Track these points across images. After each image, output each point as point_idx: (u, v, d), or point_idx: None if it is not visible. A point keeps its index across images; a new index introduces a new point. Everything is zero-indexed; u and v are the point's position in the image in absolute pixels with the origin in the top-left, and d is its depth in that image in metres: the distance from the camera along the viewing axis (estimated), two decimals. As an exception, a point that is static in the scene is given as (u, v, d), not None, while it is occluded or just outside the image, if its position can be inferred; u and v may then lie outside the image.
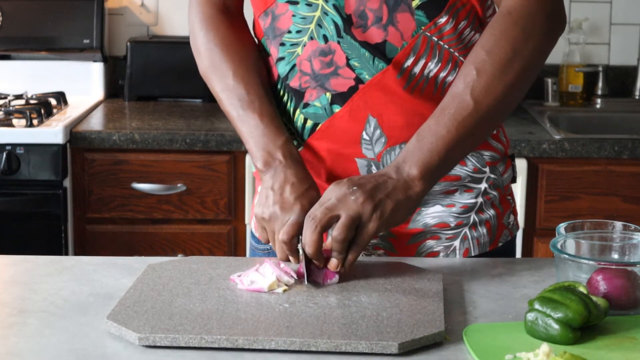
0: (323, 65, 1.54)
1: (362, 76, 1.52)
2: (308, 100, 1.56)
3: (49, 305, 1.33)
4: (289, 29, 1.55)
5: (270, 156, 1.50)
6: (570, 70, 3.45)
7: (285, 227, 1.41)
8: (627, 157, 2.89)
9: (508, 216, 1.64)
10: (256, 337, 1.19)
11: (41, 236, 2.89)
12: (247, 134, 1.54)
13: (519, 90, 1.45)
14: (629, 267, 1.33)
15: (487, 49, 1.43)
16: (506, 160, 1.64)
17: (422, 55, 1.51)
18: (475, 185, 1.58)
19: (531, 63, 1.44)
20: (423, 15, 1.50)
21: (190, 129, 2.94)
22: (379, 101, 1.52)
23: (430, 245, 1.58)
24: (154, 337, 1.20)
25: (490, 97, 1.42)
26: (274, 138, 1.52)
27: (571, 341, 1.19)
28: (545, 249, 2.92)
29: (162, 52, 3.37)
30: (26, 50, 3.42)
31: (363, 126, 1.54)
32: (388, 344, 1.18)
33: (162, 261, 1.48)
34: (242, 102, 1.55)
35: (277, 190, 1.46)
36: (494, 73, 1.42)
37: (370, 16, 1.51)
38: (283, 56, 1.57)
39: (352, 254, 1.38)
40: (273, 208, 1.44)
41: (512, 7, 1.45)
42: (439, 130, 1.41)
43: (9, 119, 2.94)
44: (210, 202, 2.94)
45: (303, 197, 1.44)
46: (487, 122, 1.44)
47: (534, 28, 1.45)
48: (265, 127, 1.52)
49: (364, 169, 1.55)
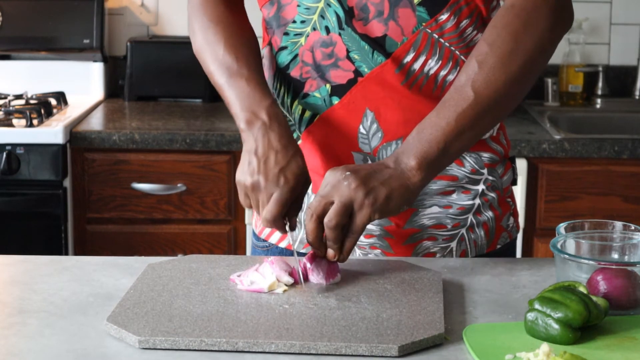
0: (324, 57, 1.54)
1: (361, 69, 1.52)
2: (308, 90, 1.56)
3: (49, 306, 1.33)
4: (294, 18, 1.55)
5: (254, 115, 1.47)
6: (570, 70, 3.45)
7: (269, 206, 1.40)
8: (627, 157, 2.89)
9: (507, 218, 1.64)
10: (256, 339, 1.19)
11: (41, 236, 2.89)
12: (233, 98, 1.50)
13: (522, 83, 1.44)
14: (629, 267, 1.32)
15: (489, 42, 1.43)
16: (506, 162, 1.63)
17: (422, 52, 1.51)
18: (473, 186, 1.58)
19: (534, 57, 1.43)
20: (424, 11, 1.50)
21: (190, 129, 2.94)
22: (377, 95, 1.52)
23: (427, 246, 1.58)
24: (154, 339, 1.19)
25: (490, 89, 1.41)
26: (260, 99, 1.49)
27: (571, 341, 1.19)
28: (545, 249, 2.92)
29: (162, 52, 3.37)
30: (26, 50, 3.42)
31: (360, 120, 1.53)
32: (388, 346, 1.18)
33: (162, 261, 1.48)
34: (230, 71, 1.52)
35: (260, 157, 1.43)
36: (495, 65, 1.42)
37: (372, 10, 1.51)
38: (286, 45, 1.57)
39: (349, 241, 1.37)
40: (257, 177, 1.42)
41: (515, 1, 1.45)
42: (438, 122, 1.40)
43: (9, 119, 2.94)
44: (210, 202, 2.94)
45: (287, 168, 1.42)
46: (488, 115, 1.43)
47: (537, 21, 1.44)
48: (251, 89, 1.49)
49: (360, 163, 1.55)
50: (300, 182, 1.43)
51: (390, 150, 1.53)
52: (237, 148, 2.89)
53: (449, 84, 1.52)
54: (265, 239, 1.65)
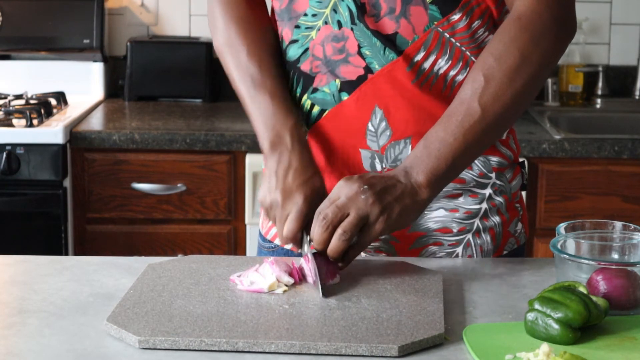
0: (335, 51, 1.53)
1: (372, 66, 1.52)
2: (317, 85, 1.55)
3: (49, 305, 1.33)
4: (305, 11, 1.55)
5: (278, 137, 1.49)
6: (570, 70, 3.45)
7: (287, 224, 1.41)
8: (627, 157, 2.89)
9: (515, 224, 1.62)
10: (256, 339, 1.19)
11: (41, 236, 2.89)
12: (257, 114, 1.53)
13: (528, 96, 1.45)
14: (629, 267, 1.32)
15: (495, 55, 1.42)
16: (515, 167, 1.62)
17: (432, 51, 1.51)
18: (480, 190, 1.57)
19: (540, 70, 1.43)
20: (437, 10, 1.49)
21: (190, 129, 2.94)
22: (387, 93, 1.52)
23: (432, 251, 1.57)
24: (154, 340, 1.19)
25: (498, 104, 1.42)
26: (284, 119, 1.51)
27: (571, 341, 1.19)
28: (545, 249, 2.92)
29: (162, 52, 3.37)
30: (26, 50, 3.42)
31: (369, 117, 1.53)
32: (388, 346, 1.18)
33: (162, 261, 1.48)
34: (254, 81, 1.54)
35: (280, 175, 1.46)
36: (502, 80, 1.41)
37: (384, 6, 1.50)
38: (297, 39, 1.56)
39: (353, 252, 1.38)
40: (275, 194, 1.45)
41: (522, 13, 1.44)
42: (446, 137, 1.40)
43: (9, 119, 2.94)
44: (210, 202, 2.94)
45: (306, 184, 1.44)
46: (495, 129, 1.44)
47: (544, 35, 1.43)
48: (275, 107, 1.52)
49: (367, 160, 1.55)
50: (318, 199, 1.43)
51: (398, 149, 1.53)
52: (237, 148, 2.89)
53: (458, 84, 1.51)
54: (271, 240, 1.65)
